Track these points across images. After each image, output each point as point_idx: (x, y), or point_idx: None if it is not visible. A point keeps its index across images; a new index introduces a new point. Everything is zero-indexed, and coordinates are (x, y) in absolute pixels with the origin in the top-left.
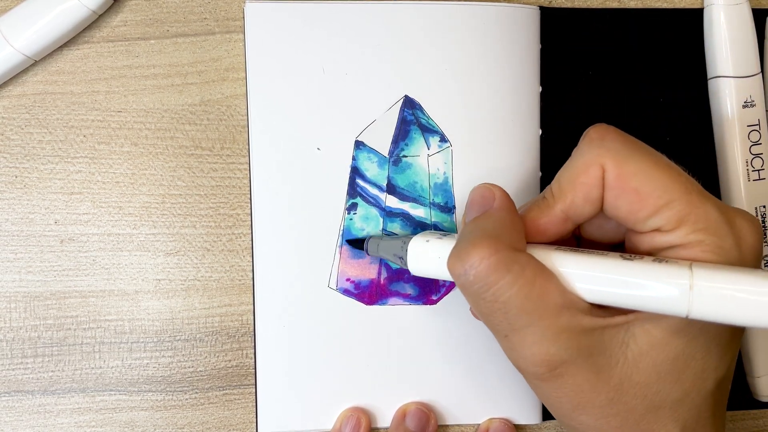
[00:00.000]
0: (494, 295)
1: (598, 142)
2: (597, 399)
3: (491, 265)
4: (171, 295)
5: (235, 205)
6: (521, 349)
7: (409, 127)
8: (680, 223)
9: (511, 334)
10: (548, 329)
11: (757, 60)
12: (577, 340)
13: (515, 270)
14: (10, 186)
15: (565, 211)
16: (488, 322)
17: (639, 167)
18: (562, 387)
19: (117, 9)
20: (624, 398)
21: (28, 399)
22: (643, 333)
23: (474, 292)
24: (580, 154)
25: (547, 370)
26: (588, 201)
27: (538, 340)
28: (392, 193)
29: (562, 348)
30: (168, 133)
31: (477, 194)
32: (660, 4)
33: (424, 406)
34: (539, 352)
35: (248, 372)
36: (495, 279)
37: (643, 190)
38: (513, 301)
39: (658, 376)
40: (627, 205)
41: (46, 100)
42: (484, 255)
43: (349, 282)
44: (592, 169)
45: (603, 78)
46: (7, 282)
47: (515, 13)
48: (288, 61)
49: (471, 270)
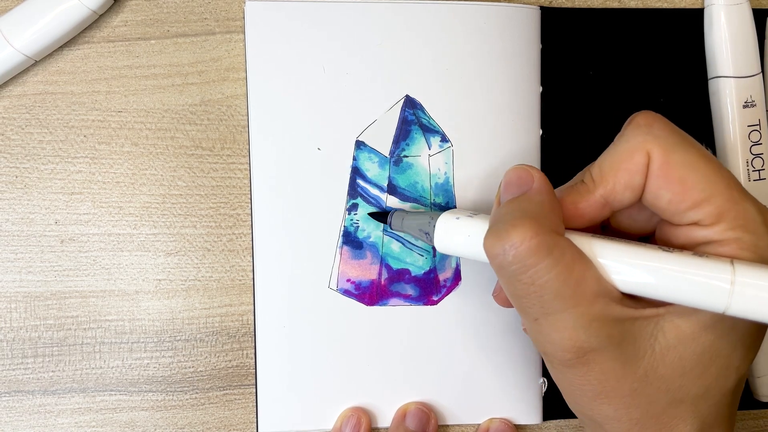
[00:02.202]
0: (531, 278)
1: (646, 129)
2: (621, 389)
3: (532, 247)
4: (171, 295)
5: (235, 205)
6: (551, 333)
7: (410, 127)
8: (719, 218)
9: (542, 317)
10: (582, 316)
11: (758, 60)
12: (608, 328)
13: (555, 254)
14: (11, 186)
15: (605, 197)
16: (519, 304)
17: (685, 158)
18: (587, 374)
19: (117, 9)
20: (647, 390)
21: (28, 399)
22: (673, 327)
23: (511, 273)
24: (626, 140)
25: (576, 356)
26: (629, 187)
27: (570, 326)
28: (393, 193)
29: (593, 335)
30: (168, 133)
31: (514, 175)
32: (660, 4)
33: (425, 406)
34: (570, 338)
35: (248, 372)
36: (534, 261)
37: (688, 181)
38: (550, 285)
39: (683, 371)
40: (669, 195)
41: (46, 100)
42: (525, 236)
43: (349, 282)
44: (638, 155)
45: (603, 78)
46: (7, 282)
47: (515, 13)
48: (288, 61)
49: (511, 250)
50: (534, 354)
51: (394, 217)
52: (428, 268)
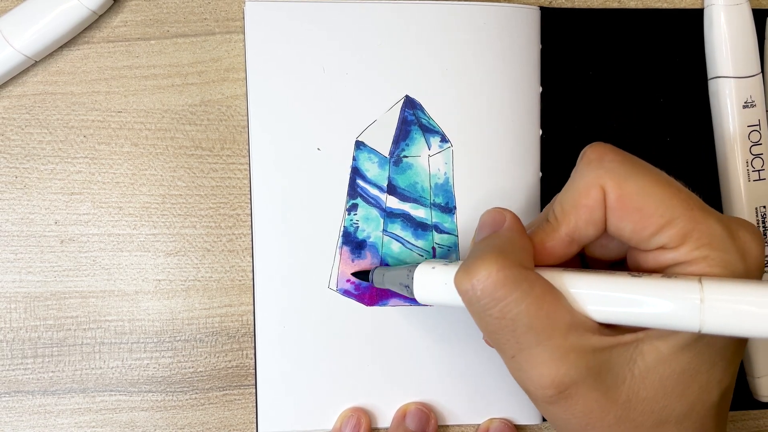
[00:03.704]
0: (502, 312)
1: (597, 163)
2: (606, 419)
3: (499, 281)
4: (171, 296)
5: (235, 206)
6: (529, 369)
7: (410, 127)
8: (684, 239)
9: (518, 354)
10: (557, 349)
11: (758, 60)
12: (586, 359)
13: (524, 287)
14: (11, 186)
15: (570, 234)
16: (495, 341)
17: (639, 186)
18: (570, 409)
19: (117, 9)
20: (632, 415)
21: (28, 399)
22: (652, 350)
23: (481, 308)
24: (580, 176)
25: (556, 392)
26: (591, 223)
27: (546, 360)
28: (393, 193)
29: (572, 368)
30: (168, 133)
31: (488, 217)
32: (660, 4)
33: (424, 406)
34: (547, 373)
35: (248, 372)
36: (503, 294)
37: (646, 209)
38: (521, 319)
39: (665, 391)
40: (630, 225)
41: (46, 101)
42: (492, 270)
43: (349, 283)
44: (593, 191)
45: (603, 78)
46: (7, 282)
47: (515, 13)
48: (288, 61)
49: (479, 284)
50: None
51: (375, 275)
52: None
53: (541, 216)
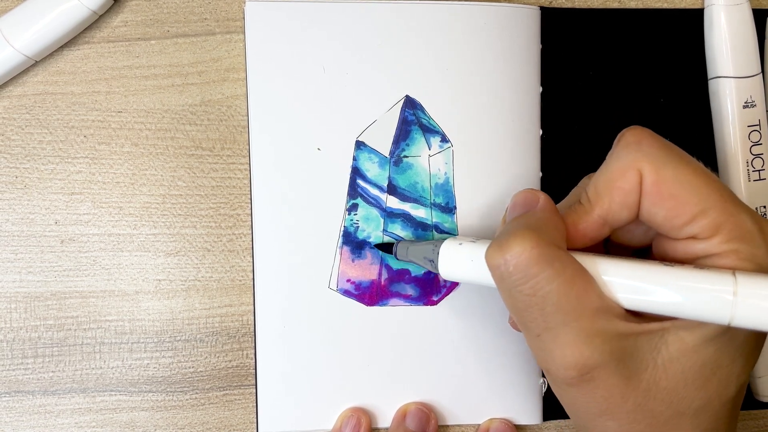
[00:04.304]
0: (533, 289)
1: (635, 146)
2: (625, 405)
3: (533, 257)
4: (171, 296)
5: (235, 206)
6: (553, 349)
7: (410, 127)
8: (716, 231)
9: (544, 333)
10: (583, 330)
11: (758, 60)
12: (611, 344)
13: (556, 266)
14: (11, 186)
15: (603, 217)
16: (522, 319)
17: (677, 173)
18: (591, 392)
19: (117, 9)
20: (650, 404)
21: (28, 399)
22: (677, 340)
23: (512, 284)
24: (617, 158)
25: (579, 374)
26: (625, 206)
27: (572, 341)
28: (393, 193)
29: (596, 351)
30: (168, 133)
31: (521, 197)
32: (660, 4)
33: (425, 406)
34: (571, 354)
35: (248, 372)
36: (535, 272)
37: (681, 197)
38: (551, 297)
39: (685, 383)
40: (664, 212)
41: (46, 101)
42: (526, 247)
43: (349, 283)
44: (630, 174)
45: (603, 78)
46: (7, 282)
47: (515, 13)
48: (288, 61)
49: (512, 260)
50: None
51: (399, 247)
52: None
53: (571, 197)
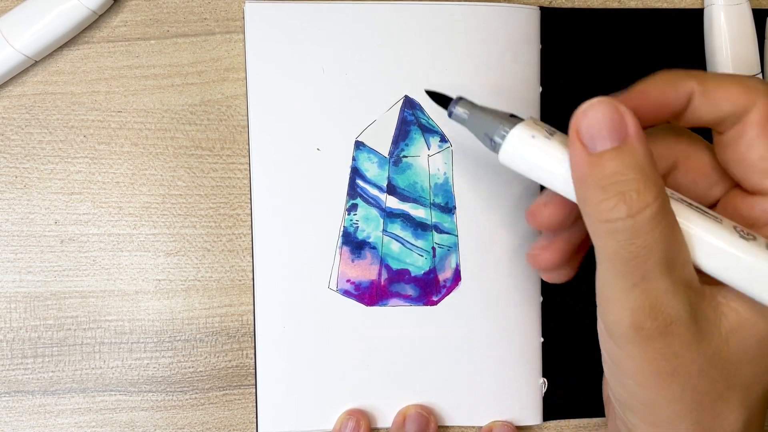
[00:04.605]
0: (646, 241)
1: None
2: (691, 367)
3: (654, 212)
4: (171, 296)
5: (235, 206)
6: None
7: (410, 127)
8: None
9: (641, 282)
10: (675, 282)
11: (758, 60)
12: (691, 297)
13: (669, 218)
14: (10, 186)
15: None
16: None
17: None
18: (666, 348)
19: (117, 9)
20: (712, 373)
21: (28, 399)
22: (732, 311)
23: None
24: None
25: (662, 324)
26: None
27: (665, 292)
28: (392, 193)
29: (682, 302)
30: (168, 133)
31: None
32: (660, 4)
33: (424, 410)
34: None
35: (248, 372)
36: (653, 226)
37: None
38: (658, 248)
39: (744, 356)
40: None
41: (46, 101)
42: (649, 201)
43: (349, 283)
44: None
45: (603, 78)
46: (7, 282)
47: (515, 13)
48: (288, 61)
49: (636, 216)
50: (534, 354)
51: (460, 104)
52: (428, 268)
53: None
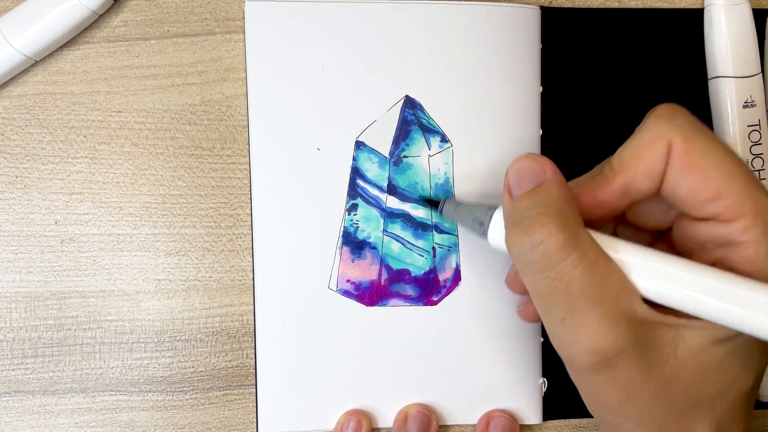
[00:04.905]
0: (558, 274)
1: (668, 119)
2: (645, 393)
3: (559, 242)
4: (171, 296)
5: (235, 206)
6: (578, 334)
7: (410, 127)
8: (739, 214)
9: (569, 317)
10: (608, 314)
11: (758, 60)
12: (634, 329)
13: (581, 249)
14: (11, 186)
15: (625, 185)
16: (545, 304)
17: (706, 147)
18: (613, 379)
19: (117, 9)
20: (670, 394)
21: (28, 399)
22: (695, 336)
23: (536, 270)
24: (647, 129)
25: (603, 358)
26: (649, 176)
27: (597, 326)
28: (393, 193)
29: (620, 335)
30: (168, 133)
31: (524, 166)
32: (660, 4)
33: (425, 409)
34: (597, 339)
35: (248, 372)
36: (562, 257)
37: (708, 170)
38: (577, 281)
39: (704, 376)
40: (689, 184)
41: (46, 101)
42: (553, 231)
43: (349, 283)
44: (659, 143)
45: (603, 78)
46: (7, 282)
47: (515, 13)
48: (288, 61)
49: (539, 247)
50: (534, 354)
51: (447, 203)
52: (428, 268)
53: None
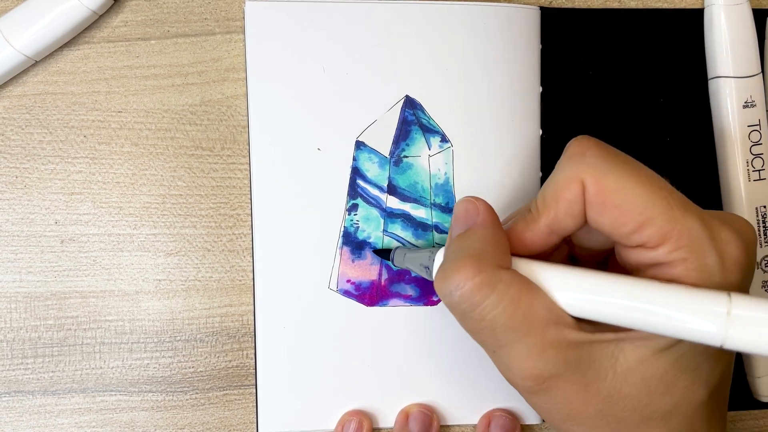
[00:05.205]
0: (480, 314)
1: (579, 158)
2: (586, 411)
3: (475, 286)
4: (171, 296)
5: (235, 206)
6: (509, 362)
7: (410, 127)
8: (663, 239)
9: (499, 350)
10: (534, 345)
11: (758, 60)
12: (564, 354)
13: (500, 289)
14: (11, 186)
15: (549, 225)
16: (476, 339)
17: (619, 183)
18: (551, 399)
19: (117, 9)
20: (613, 410)
21: (28, 399)
22: (634, 349)
23: (460, 312)
24: (561, 170)
25: (536, 383)
26: (570, 215)
27: (525, 356)
28: (393, 193)
29: (550, 362)
30: (168, 133)
31: (461, 209)
32: (660, 4)
33: (427, 408)
34: (527, 367)
35: (248, 372)
36: (480, 299)
37: (624, 206)
38: (498, 320)
39: (648, 390)
40: (609, 221)
41: (46, 101)
42: (468, 276)
43: (349, 283)
44: (573, 184)
45: (603, 78)
46: (7, 282)
47: (515, 13)
48: (288, 61)
49: (456, 291)
50: None
51: (396, 254)
52: None
53: (524, 207)
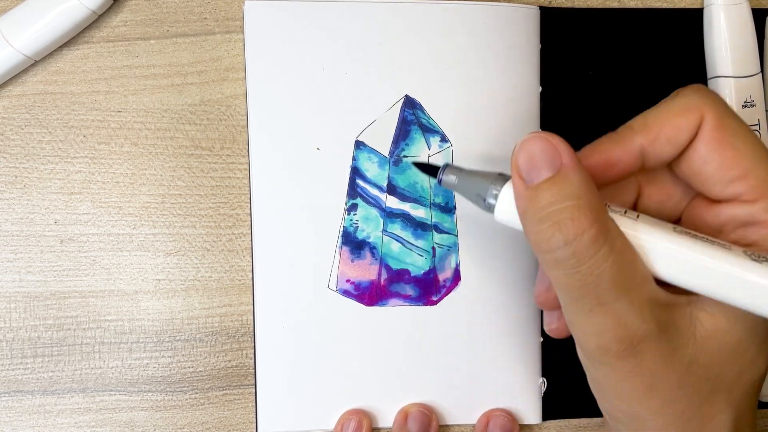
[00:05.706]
0: (590, 268)
1: (703, 93)
2: (669, 380)
3: (591, 238)
4: (171, 296)
5: (235, 205)
6: (605, 322)
7: (410, 127)
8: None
9: (596, 307)
10: (634, 303)
11: (757, 60)
12: (658, 314)
13: (610, 241)
14: (10, 186)
15: (645, 146)
16: (572, 297)
17: (737, 127)
18: (638, 365)
19: (117, 9)
20: (691, 380)
21: (28, 399)
22: (708, 316)
23: (568, 266)
24: (679, 98)
25: (629, 345)
26: (671, 142)
27: (623, 314)
28: (392, 193)
29: (645, 321)
30: (168, 133)
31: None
32: (660, 4)
33: (426, 408)
34: (622, 326)
35: (248, 372)
36: (593, 251)
37: (739, 148)
38: (607, 274)
39: (720, 359)
40: (720, 160)
41: (46, 100)
42: (585, 227)
43: (349, 283)
44: (692, 113)
45: (603, 78)
46: (7, 282)
47: (515, 13)
48: (288, 61)
49: (573, 243)
50: (534, 354)
51: (447, 171)
52: (428, 268)
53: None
